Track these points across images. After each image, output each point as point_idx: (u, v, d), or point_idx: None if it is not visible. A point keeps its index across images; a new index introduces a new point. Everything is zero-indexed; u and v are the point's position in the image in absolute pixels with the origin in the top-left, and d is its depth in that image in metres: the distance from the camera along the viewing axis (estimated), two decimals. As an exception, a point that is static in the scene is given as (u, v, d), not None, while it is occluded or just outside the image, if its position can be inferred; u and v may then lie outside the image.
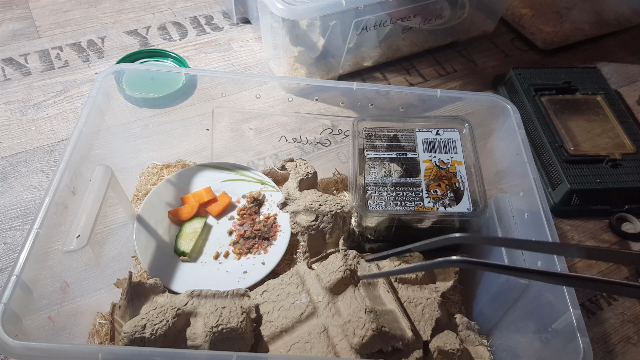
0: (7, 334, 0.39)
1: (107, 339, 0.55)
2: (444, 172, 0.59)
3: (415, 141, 0.62)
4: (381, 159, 0.60)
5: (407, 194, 0.57)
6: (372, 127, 0.64)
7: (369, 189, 0.58)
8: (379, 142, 0.62)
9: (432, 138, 0.62)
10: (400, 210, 0.56)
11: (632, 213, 0.76)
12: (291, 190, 0.64)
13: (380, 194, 0.58)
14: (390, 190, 0.58)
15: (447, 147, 0.62)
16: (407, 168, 0.60)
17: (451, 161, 0.60)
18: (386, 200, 0.57)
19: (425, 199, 0.57)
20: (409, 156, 0.61)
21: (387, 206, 0.57)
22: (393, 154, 0.61)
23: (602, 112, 0.85)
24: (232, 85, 0.65)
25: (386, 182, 0.58)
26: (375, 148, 0.62)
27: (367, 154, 0.61)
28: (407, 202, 0.57)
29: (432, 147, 0.62)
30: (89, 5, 1.03)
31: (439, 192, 0.58)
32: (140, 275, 0.62)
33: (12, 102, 0.83)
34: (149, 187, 0.70)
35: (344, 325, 0.50)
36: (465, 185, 0.58)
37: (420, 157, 0.61)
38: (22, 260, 0.44)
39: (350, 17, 0.80)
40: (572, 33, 1.02)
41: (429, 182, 0.58)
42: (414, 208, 0.56)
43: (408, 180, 0.59)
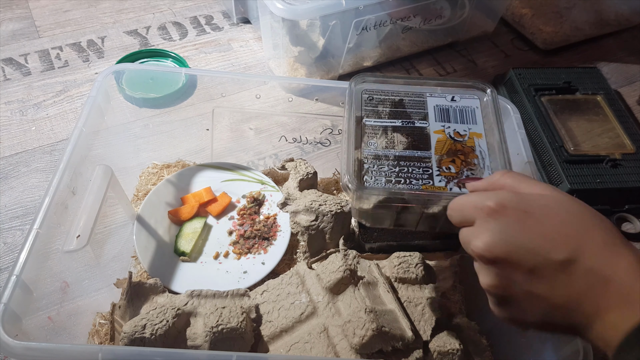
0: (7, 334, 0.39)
1: (107, 339, 0.55)
2: (459, 145, 0.49)
3: (426, 108, 0.52)
4: (383, 127, 0.50)
5: (414, 170, 0.47)
6: (373, 89, 0.54)
7: (367, 163, 0.48)
8: (381, 107, 0.52)
9: (446, 105, 0.52)
10: (404, 189, 0.46)
11: (632, 213, 0.76)
12: (291, 190, 0.64)
13: (381, 168, 0.48)
14: (392, 164, 0.48)
15: (465, 116, 0.52)
16: (414, 139, 0.50)
17: (469, 133, 0.50)
18: (387, 176, 0.47)
19: (436, 177, 0.47)
20: (418, 125, 0.51)
21: (388, 183, 0.46)
22: (398, 122, 0.51)
23: (602, 112, 0.85)
24: (232, 85, 0.65)
25: (388, 155, 0.48)
26: (377, 114, 0.51)
27: (367, 121, 0.51)
28: (413, 179, 0.47)
29: (445, 116, 0.52)
30: (89, 5, 1.03)
31: (453, 169, 0.47)
32: (140, 275, 0.62)
33: (12, 102, 0.83)
34: (149, 187, 0.70)
35: (344, 325, 0.50)
36: (486, 162, 0.48)
37: (431, 127, 0.51)
38: (22, 260, 0.44)
39: (350, 17, 0.80)
40: (572, 33, 1.02)
41: (441, 156, 0.48)
42: (421, 187, 0.46)
43: (415, 153, 0.48)
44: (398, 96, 0.53)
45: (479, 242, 0.35)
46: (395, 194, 0.46)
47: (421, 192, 0.46)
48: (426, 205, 0.47)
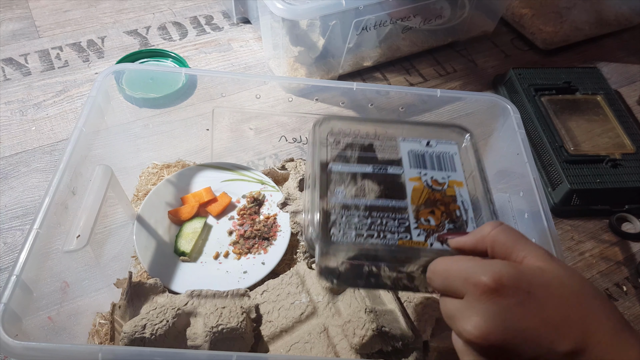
0: (7, 334, 0.39)
1: (107, 339, 0.55)
2: (439, 194, 0.44)
3: (399, 153, 0.47)
4: (352, 174, 0.44)
5: (388, 222, 0.41)
6: (339, 132, 0.48)
7: (334, 214, 0.41)
8: (349, 152, 0.46)
9: (422, 150, 0.47)
10: (378, 244, 0.40)
11: (632, 213, 0.76)
12: (291, 190, 0.64)
13: (350, 220, 0.41)
14: (363, 215, 0.42)
15: (442, 162, 0.47)
16: (387, 187, 0.44)
17: (448, 181, 0.45)
18: (358, 229, 0.41)
19: (414, 230, 0.41)
20: (390, 172, 0.45)
21: (359, 238, 0.40)
22: (368, 168, 0.45)
23: (602, 112, 0.85)
24: (232, 85, 0.65)
25: (358, 205, 0.42)
26: (345, 159, 0.46)
27: (333, 167, 0.45)
28: (387, 233, 0.41)
29: (421, 162, 0.47)
30: (89, 5, 1.03)
31: (433, 222, 0.42)
32: (140, 275, 0.62)
33: (12, 102, 0.83)
34: (149, 187, 0.70)
35: (344, 325, 0.50)
36: (469, 214, 0.43)
37: (406, 174, 0.45)
38: (22, 260, 0.43)
39: (350, 17, 0.80)
40: (572, 33, 1.02)
41: (419, 207, 0.43)
42: (397, 242, 0.40)
43: (389, 203, 0.43)
44: (368, 139, 0.48)
45: (471, 326, 0.31)
46: (367, 250, 0.40)
47: (397, 249, 0.40)
48: (403, 263, 0.41)
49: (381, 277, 0.42)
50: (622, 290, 0.69)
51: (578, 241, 0.74)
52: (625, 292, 0.68)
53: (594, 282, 0.69)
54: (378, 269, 0.42)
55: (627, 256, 0.73)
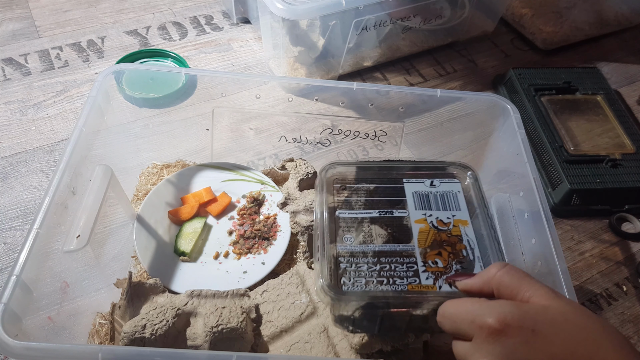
0: (7, 334, 0.39)
1: (107, 339, 0.55)
2: (444, 235, 0.45)
3: (404, 195, 0.48)
4: (359, 219, 0.45)
5: (397, 267, 0.42)
6: (344, 177, 0.49)
7: (343, 262, 0.42)
8: (355, 197, 0.47)
9: (426, 191, 0.48)
10: (389, 292, 0.41)
11: (632, 213, 0.76)
12: (291, 190, 0.64)
13: (359, 267, 0.42)
14: (372, 262, 0.42)
15: (447, 202, 0.47)
16: (394, 231, 0.45)
17: (453, 220, 0.46)
18: (367, 276, 0.41)
19: (422, 274, 0.42)
20: (396, 214, 0.46)
21: (369, 285, 0.41)
22: (374, 213, 0.46)
23: (602, 112, 0.85)
24: (232, 85, 0.65)
25: (366, 251, 0.43)
26: (350, 205, 0.47)
27: (340, 214, 0.46)
28: (396, 278, 0.41)
29: (426, 203, 0.47)
30: (89, 5, 1.03)
31: (441, 264, 0.42)
32: (140, 275, 0.62)
33: (12, 102, 0.83)
34: (149, 187, 0.70)
35: (344, 325, 0.50)
36: (476, 252, 0.44)
37: (412, 216, 0.46)
38: (22, 260, 0.43)
39: (350, 17, 0.80)
40: (572, 33, 1.02)
41: (426, 249, 0.43)
42: (406, 287, 0.41)
43: (397, 247, 0.43)
44: (372, 183, 0.49)
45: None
46: (378, 298, 0.41)
47: (407, 294, 0.41)
48: (414, 307, 0.42)
49: (395, 322, 0.43)
50: (622, 290, 0.69)
51: (578, 241, 0.74)
52: (625, 292, 0.68)
53: (593, 282, 0.69)
54: (391, 314, 0.42)
55: (627, 256, 0.73)
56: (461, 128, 0.70)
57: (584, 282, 0.69)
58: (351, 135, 0.70)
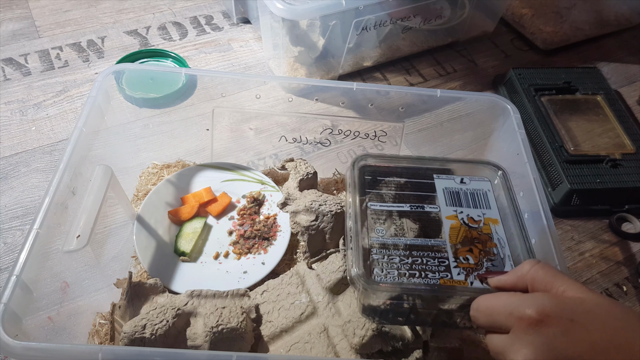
0: (7, 334, 0.39)
1: (107, 339, 0.55)
2: (475, 232, 0.45)
3: (434, 190, 0.48)
4: (389, 212, 0.46)
5: (428, 261, 0.42)
6: (375, 169, 0.49)
7: (374, 253, 0.43)
8: (385, 190, 0.47)
9: (456, 188, 0.48)
10: (421, 284, 0.41)
11: (632, 213, 0.76)
12: (291, 190, 0.64)
13: (391, 259, 0.42)
14: (404, 255, 0.43)
15: (477, 200, 0.47)
16: (424, 225, 0.45)
17: (484, 219, 0.46)
18: (399, 268, 0.42)
19: (454, 269, 0.42)
20: (427, 209, 0.46)
21: (401, 277, 0.41)
22: (405, 206, 0.46)
23: (602, 112, 0.85)
24: (232, 85, 0.65)
25: (398, 244, 0.43)
26: (381, 198, 0.47)
27: (371, 205, 0.46)
28: (428, 272, 0.42)
29: (456, 199, 0.47)
30: (89, 5, 1.03)
31: (472, 260, 0.43)
32: (140, 275, 0.62)
33: (12, 102, 0.83)
34: (149, 187, 0.70)
35: (344, 325, 0.50)
36: (506, 251, 0.44)
37: (443, 212, 0.46)
38: (22, 260, 0.44)
39: (350, 17, 0.80)
40: (572, 33, 1.02)
41: (457, 245, 0.44)
42: (438, 281, 0.41)
43: (428, 242, 0.44)
44: (403, 177, 0.49)
45: (521, 358, 0.32)
46: (411, 290, 0.41)
47: (439, 287, 0.41)
48: (444, 301, 0.42)
49: (422, 315, 0.43)
50: (622, 290, 0.69)
51: (578, 241, 0.74)
52: (625, 292, 0.68)
53: (594, 282, 0.69)
54: (419, 307, 0.43)
55: (627, 256, 0.73)
56: (461, 128, 0.70)
57: (584, 282, 0.69)
58: (351, 135, 0.70)
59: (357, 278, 0.41)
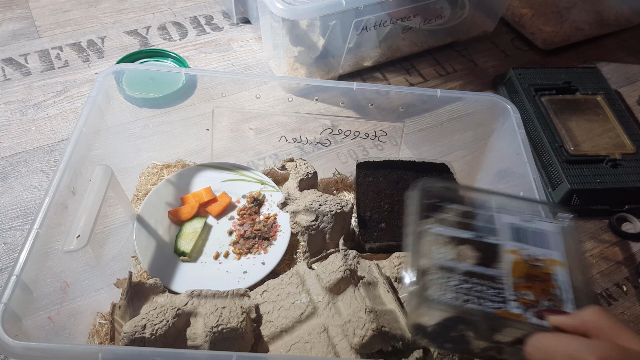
0: (7, 334, 0.39)
1: (107, 339, 0.55)
2: (537, 271, 0.43)
3: (496, 223, 0.47)
4: (451, 237, 0.45)
5: (485, 289, 0.41)
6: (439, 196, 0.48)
7: (432, 273, 0.42)
8: (448, 216, 0.47)
9: (522, 225, 0.46)
10: (476, 310, 0.40)
11: (632, 213, 0.76)
12: (291, 190, 0.64)
13: (447, 281, 0.41)
14: (461, 279, 0.42)
15: (542, 239, 0.46)
16: (485, 256, 0.44)
17: (548, 259, 0.44)
18: (455, 291, 0.41)
19: (512, 302, 0.40)
20: (488, 241, 0.45)
21: (459, 300, 0.40)
22: (466, 234, 0.45)
23: (602, 112, 0.85)
24: (232, 85, 0.65)
25: (456, 269, 0.42)
26: (444, 222, 0.46)
27: (433, 229, 0.45)
28: (485, 300, 0.40)
29: (520, 236, 0.46)
30: (89, 5, 1.03)
31: (531, 296, 0.41)
32: (140, 275, 0.62)
33: (12, 102, 0.83)
34: (149, 187, 0.70)
35: (344, 325, 0.50)
36: (569, 295, 0.42)
37: (505, 246, 0.45)
38: (22, 260, 0.44)
39: (350, 17, 0.80)
40: (572, 33, 1.02)
41: (518, 280, 0.42)
42: (494, 311, 0.40)
43: (487, 271, 0.42)
44: (467, 207, 0.48)
45: None
46: (464, 312, 0.40)
47: (495, 317, 0.40)
48: (499, 331, 0.40)
49: (469, 345, 0.42)
50: (622, 290, 0.69)
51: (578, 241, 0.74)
52: (625, 292, 0.68)
53: (594, 282, 0.69)
54: (468, 335, 0.42)
55: (627, 256, 0.73)
56: (461, 128, 0.70)
57: (584, 282, 0.69)
58: (351, 135, 0.70)
59: (413, 294, 0.40)
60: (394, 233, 0.62)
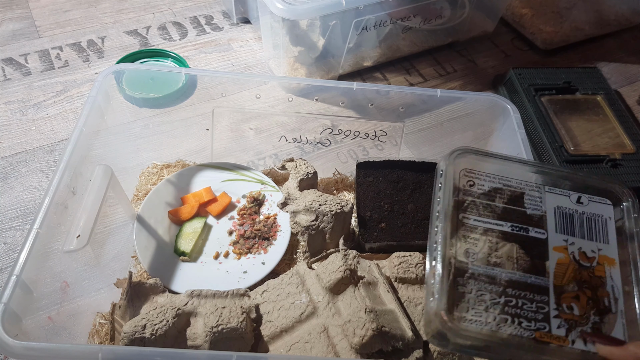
0: (7, 334, 0.39)
1: (107, 339, 0.55)
2: (586, 274, 0.37)
3: (543, 207, 0.39)
4: (485, 230, 0.38)
5: (525, 304, 0.35)
6: (475, 170, 0.40)
7: (462, 283, 0.35)
8: (484, 200, 0.39)
9: (571, 209, 0.39)
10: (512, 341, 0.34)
11: (632, 213, 0.76)
12: (291, 190, 0.64)
13: (481, 295, 0.35)
14: (496, 291, 0.35)
15: (594, 229, 0.39)
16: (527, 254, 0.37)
17: (598, 256, 0.38)
18: (489, 308, 0.34)
19: (554, 319, 0.35)
20: (532, 234, 0.38)
21: (489, 321, 0.34)
22: (506, 226, 0.38)
23: (602, 112, 0.85)
24: (232, 85, 0.65)
25: (491, 276, 0.36)
26: (479, 210, 0.38)
27: (466, 218, 0.38)
28: (523, 319, 0.34)
29: (569, 225, 0.39)
30: (89, 5, 1.03)
31: (577, 311, 0.35)
32: (140, 275, 0.62)
33: (12, 102, 0.83)
34: (149, 187, 0.70)
35: (344, 325, 0.50)
36: (619, 306, 0.36)
37: (551, 240, 0.38)
38: (22, 260, 0.44)
39: (350, 17, 0.80)
40: (572, 33, 1.02)
41: (562, 288, 0.36)
42: (534, 334, 0.34)
43: (528, 279, 0.36)
44: (507, 185, 0.40)
45: None
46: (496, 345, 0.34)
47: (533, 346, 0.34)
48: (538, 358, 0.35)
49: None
50: (622, 290, 0.68)
51: (578, 241, 0.74)
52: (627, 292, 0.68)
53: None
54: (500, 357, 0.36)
55: (627, 256, 0.72)
56: (461, 128, 0.70)
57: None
58: (351, 135, 0.70)
59: (438, 312, 0.34)
60: (394, 233, 0.62)
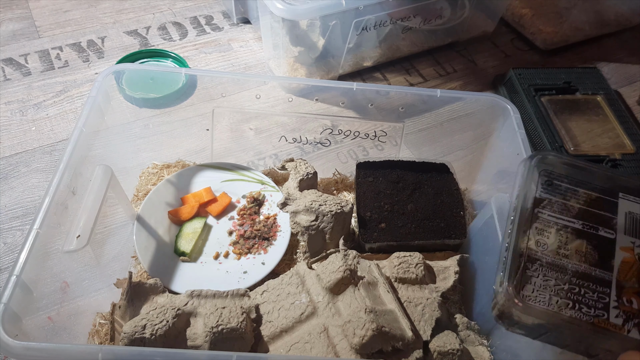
0: (7, 334, 0.39)
1: (107, 339, 0.55)
2: None
3: (616, 212, 0.42)
4: (559, 225, 0.41)
5: (587, 293, 0.38)
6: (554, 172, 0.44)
7: (531, 269, 0.39)
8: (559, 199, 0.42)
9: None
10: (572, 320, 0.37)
11: (632, 213, 0.76)
12: (291, 190, 0.64)
13: (546, 280, 0.38)
14: (561, 278, 0.39)
15: None
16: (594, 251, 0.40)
17: None
18: (553, 292, 0.38)
19: (613, 310, 0.38)
20: (602, 234, 0.41)
21: (552, 303, 0.38)
22: (577, 223, 0.41)
23: (602, 112, 0.85)
24: (232, 85, 0.65)
25: (558, 265, 0.39)
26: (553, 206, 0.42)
27: (541, 212, 0.41)
28: (583, 306, 0.38)
29: (638, 229, 0.41)
30: (89, 5, 1.03)
31: (636, 305, 0.38)
32: (140, 275, 0.62)
33: (12, 102, 0.83)
34: (149, 187, 0.70)
35: (344, 325, 0.50)
36: None
37: (618, 241, 0.41)
38: (22, 260, 0.44)
39: (350, 17, 0.80)
40: (572, 33, 1.02)
41: (624, 283, 0.39)
42: (592, 319, 0.37)
43: (592, 271, 0.39)
44: (583, 188, 0.43)
45: None
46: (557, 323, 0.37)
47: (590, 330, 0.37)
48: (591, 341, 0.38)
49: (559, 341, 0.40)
50: (622, 290, 0.68)
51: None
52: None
53: None
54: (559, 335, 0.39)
55: (627, 256, 0.72)
56: (461, 128, 0.70)
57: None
58: (351, 135, 0.70)
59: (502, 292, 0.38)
60: (394, 233, 0.62)
